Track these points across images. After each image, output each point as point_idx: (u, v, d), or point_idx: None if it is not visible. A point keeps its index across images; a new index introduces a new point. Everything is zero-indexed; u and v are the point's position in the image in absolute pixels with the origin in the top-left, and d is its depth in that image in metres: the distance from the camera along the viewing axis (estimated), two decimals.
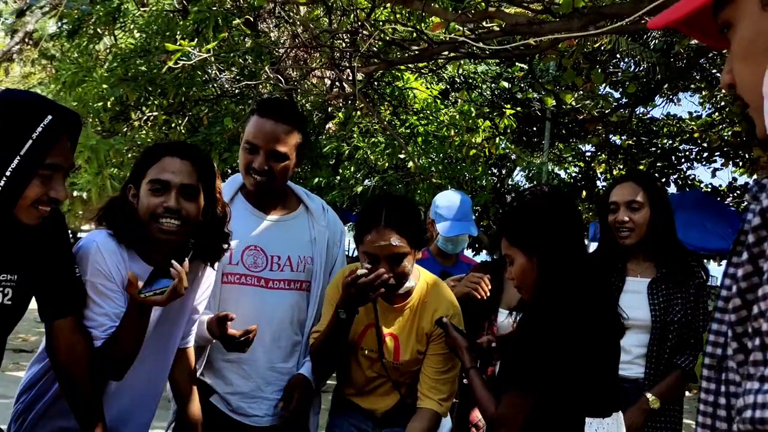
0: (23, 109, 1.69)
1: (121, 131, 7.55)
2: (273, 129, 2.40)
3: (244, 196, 2.53)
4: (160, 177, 2.00)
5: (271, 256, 2.47)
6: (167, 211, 1.97)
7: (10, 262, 1.84)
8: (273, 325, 2.45)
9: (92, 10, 7.14)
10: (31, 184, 1.70)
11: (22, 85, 20.18)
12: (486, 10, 4.37)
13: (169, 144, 2.11)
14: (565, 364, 1.91)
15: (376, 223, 2.24)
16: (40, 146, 1.66)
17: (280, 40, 7.99)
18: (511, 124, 8.87)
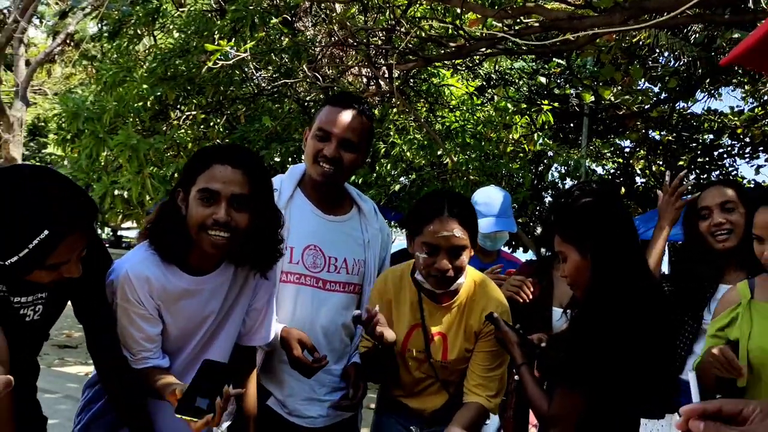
0: (20, 217, 1.63)
1: (161, 130, 7.64)
2: (347, 118, 2.39)
3: (304, 192, 2.51)
4: (210, 186, 1.90)
5: (329, 257, 2.46)
6: (216, 223, 1.90)
7: (33, 283, 1.84)
8: (328, 327, 2.45)
9: (132, 11, 7.25)
10: (39, 273, 1.71)
11: (63, 85, 20.58)
12: (524, 5, 4.33)
13: (219, 149, 2.00)
14: (617, 364, 1.88)
15: (439, 213, 2.21)
16: (36, 255, 1.64)
17: (316, 38, 8.02)
18: (549, 120, 8.80)
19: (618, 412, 1.90)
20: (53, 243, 1.65)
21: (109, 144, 6.88)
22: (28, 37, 15.84)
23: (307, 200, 2.49)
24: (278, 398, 2.44)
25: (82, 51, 13.99)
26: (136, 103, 7.47)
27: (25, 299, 1.87)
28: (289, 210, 2.42)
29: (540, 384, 2.08)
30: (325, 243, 2.46)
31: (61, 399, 6.45)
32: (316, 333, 2.39)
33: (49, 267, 1.70)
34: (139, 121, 7.56)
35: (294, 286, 2.42)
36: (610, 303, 1.92)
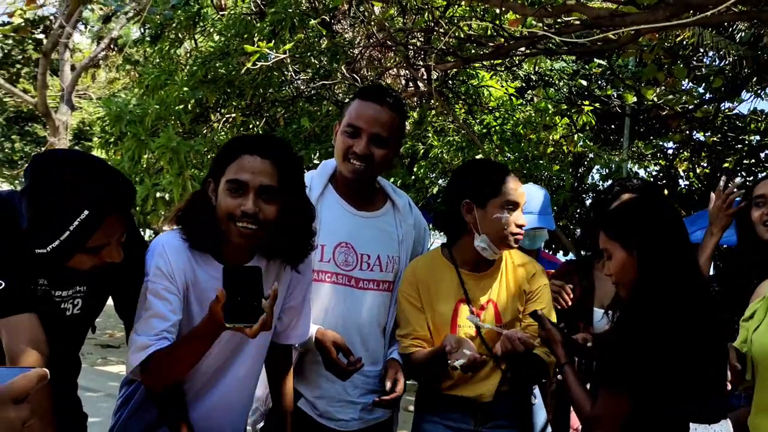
0: (60, 199, 1.63)
1: (201, 133, 7.73)
2: (377, 113, 2.33)
3: (335, 187, 2.45)
4: (238, 177, 1.88)
5: (361, 255, 2.41)
6: (244, 214, 1.88)
7: (83, 275, 1.86)
8: (362, 327, 2.40)
9: (173, 15, 7.34)
10: (80, 258, 1.71)
11: (107, 90, 20.96)
12: (565, 3, 4.27)
13: (249, 139, 1.98)
14: (663, 366, 1.82)
15: (508, 172, 2.34)
16: (77, 237, 1.64)
17: (355, 40, 8.03)
18: (590, 122, 8.68)
19: (664, 415, 1.84)
20: (94, 224, 1.65)
21: (150, 146, 6.97)
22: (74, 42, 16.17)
23: (338, 196, 2.44)
24: (309, 399, 2.38)
25: (126, 55, 14.23)
26: (177, 106, 7.56)
27: (66, 293, 1.88)
28: (320, 207, 2.37)
29: (583, 385, 2.03)
30: (357, 240, 2.40)
31: (103, 397, 6.56)
32: (350, 333, 2.35)
33: (91, 250, 1.71)
34: (179, 124, 7.64)
35: (326, 285, 2.36)
36: (656, 302, 1.87)
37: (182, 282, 1.95)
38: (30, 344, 1.67)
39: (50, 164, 1.69)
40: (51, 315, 1.80)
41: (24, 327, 1.69)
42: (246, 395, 2.21)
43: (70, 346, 2.00)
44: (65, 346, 1.94)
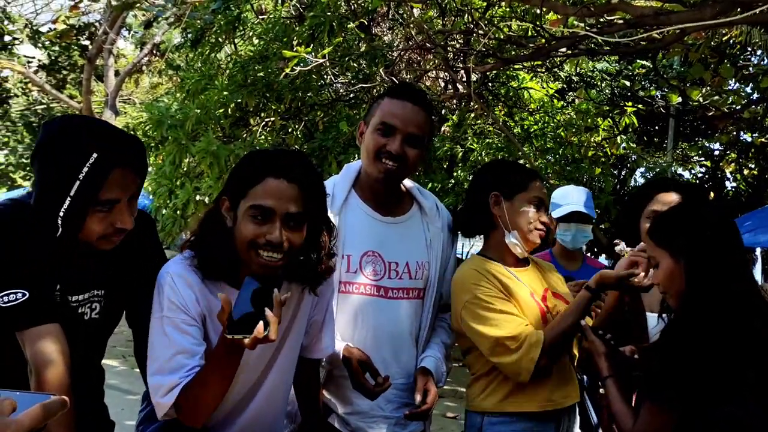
0: (69, 147, 1.61)
1: (241, 136, 7.77)
2: (412, 112, 2.25)
3: (359, 193, 2.36)
4: (263, 204, 1.73)
5: (389, 263, 2.31)
6: (269, 244, 1.73)
7: (98, 279, 1.83)
8: (393, 338, 2.30)
9: (214, 19, 7.40)
10: (91, 221, 1.66)
11: (150, 95, 21.30)
12: (608, 2, 4.17)
13: (272, 159, 1.80)
14: (713, 382, 1.74)
15: (535, 173, 2.39)
16: (88, 185, 1.60)
17: (394, 42, 8.01)
18: (633, 123, 8.52)
19: (707, 417, 1.75)
20: (103, 170, 1.61)
21: (191, 150, 7.05)
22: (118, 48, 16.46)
23: (362, 203, 2.34)
24: (341, 415, 2.29)
25: (168, 60, 14.43)
26: (218, 110, 7.63)
27: (82, 297, 1.84)
28: (344, 214, 2.28)
29: (626, 399, 1.95)
30: (385, 247, 2.30)
31: None
32: (381, 346, 2.26)
33: (102, 204, 1.65)
34: (219, 128, 7.71)
35: (354, 296, 2.26)
36: (705, 313, 1.78)
37: (198, 312, 1.82)
38: (54, 356, 1.65)
39: (55, 123, 1.68)
40: (68, 320, 1.77)
41: (49, 338, 1.67)
42: (278, 412, 2.11)
43: (90, 352, 1.95)
44: (85, 352, 1.89)
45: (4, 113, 21.19)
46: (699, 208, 1.95)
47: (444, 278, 2.45)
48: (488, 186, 2.35)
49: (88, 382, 1.95)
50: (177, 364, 1.75)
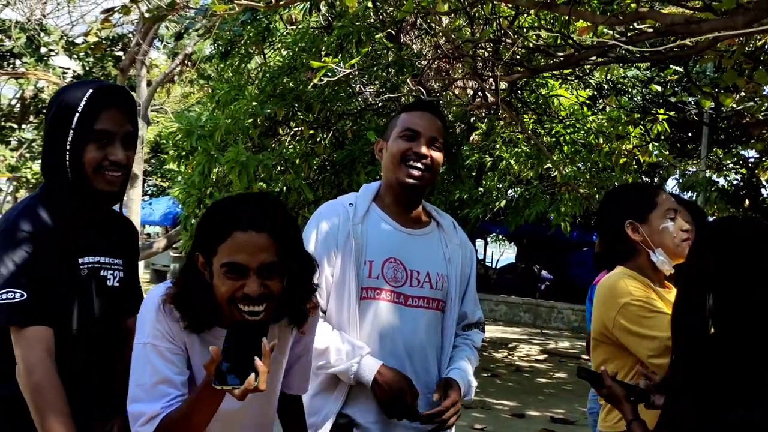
0: (70, 91, 1.93)
1: (270, 146, 7.82)
2: (431, 118, 2.38)
3: (380, 206, 2.41)
4: (235, 260, 1.68)
5: (411, 271, 2.33)
6: (247, 298, 1.69)
7: (114, 247, 2.02)
8: (411, 349, 2.31)
9: (243, 30, 7.47)
10: (88, 150, 1.90)
11: (182, 104, 21.56)
12: (637, 11, 4.12)
13: (238, 211, 1.72)
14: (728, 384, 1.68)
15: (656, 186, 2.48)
16: (86, 116, 1.88)
17: (422, 51, 8.01)
18: (665, 130, 8.40)
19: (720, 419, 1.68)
20: (98, 103, 1.89)
21: (220, 160, 7.10)
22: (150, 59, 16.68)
23: (383, 213, 2.38)
24: (362, 425, 2.28)
25: (199, 71, 14.57)
26: (247, 121, 7.69)
27: (104, 260, 2.02)
28: (365, 224, 2.33)
29: None
30: (406, 256, 2.33)
31: None
32: (399, 354, 2.27)
33: (98, 135, 1.89)
34: (248, 138, 7.76)
35: (374, 302, 2.28)
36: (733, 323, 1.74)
37: (182, 341, 1.80)
38: (43, 357, 1.79)
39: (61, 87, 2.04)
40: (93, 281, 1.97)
41: (39, 340, 1.80)
42: None
43: (114, 320, 2.05)
44: (110, 318, 2.02)
45: (40, 123, 21.61)
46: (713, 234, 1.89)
47: (466, 298, 2.46)
48: (620, 217, 2.38)
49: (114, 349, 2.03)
50: (159, 393, 1.73)
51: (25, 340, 1.79)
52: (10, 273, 1.80)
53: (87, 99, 1.89)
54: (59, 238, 1.89)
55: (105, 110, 1.91)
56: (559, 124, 8.21)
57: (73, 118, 1.88)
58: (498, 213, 7.75)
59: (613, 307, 2.26)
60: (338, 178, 7.91)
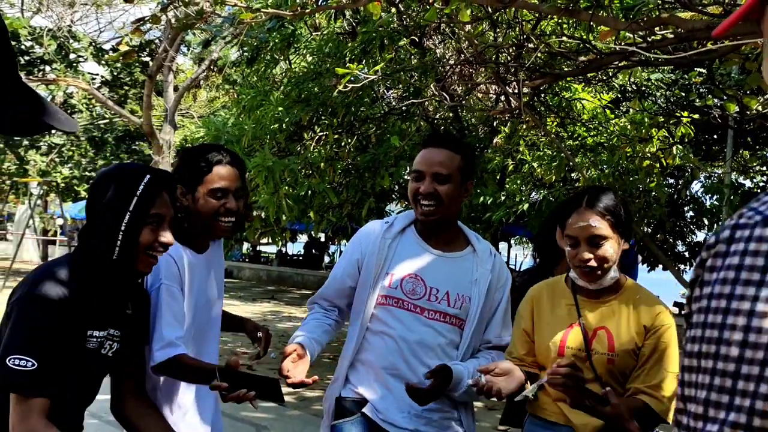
0: (128, 174, 2.05)
1: (295, 151, 7.93)
2: (435, 154, 2.53)
3: (416, 229, 2.62)
4: (221, 186, 2.38)
5: (430, 288, 2.51)
6: (228, 211, 2.40)
7: (121, 318, 2.09)
8: (430, 350, 2.48)
9: (269, 37, 7.58)
10: (143, 232, 2.01)
11: (207, 108, 21.80)
12: (659, 16, 4.17)
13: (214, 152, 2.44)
14: None
15: (578, 205, 2.31)
16: (144, 200, 2.00)
17: (445, 55, 8.06)
18: (689, 133, 8.38)
19: None
20: (155, 186, 2.03)
21: (247, 165, 7.21)
22: (176, 64, 16.90)
23: (418, 236, 2.60)
24: (376, 407, 2.49)
25: (225, 76, 14.75)
26: (273, 125, 7.80)
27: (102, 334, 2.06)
28: (397, 241, 2.57)
29: None
30: (428, 274, 2.52)
31: None
32: (412, 354, 2.46)
33: (153, 219, 2.02)
34: (275, 143, 7.87)
35: (393, 308, 2.50)
36: None
37: (180, 282, 2.36)
38: (39, 429, 1.83)
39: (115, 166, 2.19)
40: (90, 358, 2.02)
41: (39, 410, 1.84)
42: None
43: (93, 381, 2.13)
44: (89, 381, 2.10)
45: None
46: None
47: (493, 322, 2.60)
48: (555, 220, 2.52)
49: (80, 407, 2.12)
50: (174, 326, 2.27)
51: (25, 409, 1.84)
52: (25, 339, 1.84)
53: (145, 184, 2.01)
54: (79, 310, 1.93)
55: (159, 195, 2.05)
56: (582, 128, 8.22)
57: (132, 202, 1.99)
58: (521, 216, 7.78)
59: None
60: (362, 182, 8.00)
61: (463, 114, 8.86)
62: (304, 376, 2.29)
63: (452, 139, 2.71)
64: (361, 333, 2.52)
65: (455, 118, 8.64)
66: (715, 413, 0.80)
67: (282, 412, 6.33)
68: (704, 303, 0.85)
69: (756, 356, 0.78)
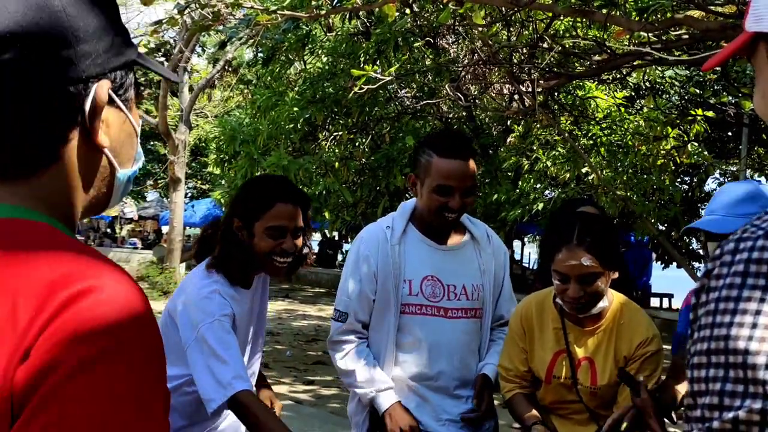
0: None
1: (310, 150, 7.99)
2: (465, 168, 2.41)
3: (416, 226, 2.56)
4: (279, 224, 2.24)
5: (448, 286, 2.51)
6: (284, 252, 2.24)
7: None
8: (454, 354, 2.51)
9: (284, 38, 7.64)
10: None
11: (222, 108, 21.91)
12: (673, 17, 4.18)
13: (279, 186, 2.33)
14: None
15: (568, 241, 2.19)
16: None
17: (459, 55, 8.10)
18: (703, 131, 8.37)
19: None
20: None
21: (262, 165, 7.29)
22: (192, 64, 17.00)
23: (420, 234, 2.54)
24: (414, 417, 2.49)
25: (240, 76, 14.84)
26: (288, 125, 7.87)
27: None
28: (403, 244, 2.50)
29: None
30: (443, 272, 2.50)
31: None
32: (441, 360, 2.47)
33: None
34: (290, 143, 7.94)
35: (416, 317, 2.48)
36: None
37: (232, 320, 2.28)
38: None
39: None
40: None
41: None
42: None
43: None
44: None
45: None
46: None
47: (501, 298, 2.63)
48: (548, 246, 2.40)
49: None
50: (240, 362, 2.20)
51: None
52: None
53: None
54: None
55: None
56: (596, 126, 8.24)
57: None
58: (535, 214, 7.81)
59: None
60: (376, 181, 8.05)
61: (477, 113, 8.88)
62: None
63: (469, 144, 2.56)
64: (391, 348, 2.48)
65: (469, 117, 8.67)
66: (730, 402, 0.86)
67: (299, 410, 6.40)
68: (712, 307, 0.91)
69: (763, 348, 0.84)
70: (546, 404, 2.44)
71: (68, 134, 0.78)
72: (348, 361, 2.46)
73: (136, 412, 0.68)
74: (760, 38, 0.97)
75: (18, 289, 0.67)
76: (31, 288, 0.67)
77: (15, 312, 0.66)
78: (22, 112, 0.75)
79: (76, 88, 0.78)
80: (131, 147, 0.89)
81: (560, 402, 2.41)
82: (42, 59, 0.75)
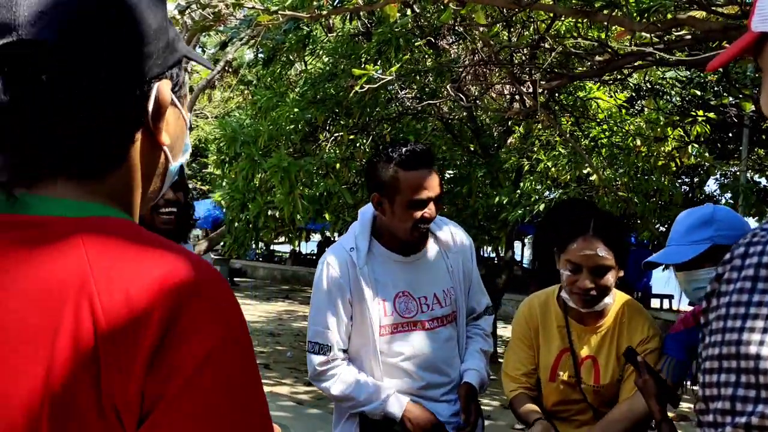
0: None
1: (311, 151, 7.98)
2: (431, 178, 2.41)
3: (380, 241, 2.52)
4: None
5: (419, 298, 2.49)
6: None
7: None
8: (440, 364, 2.52)
9: (285, 39, 7.63)
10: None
11: (222, 109, 21.91)
12: (675, 17, 4.18)
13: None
14: None
15: (584, 231, 2.21)
16: None
17: (460, 56, 8.09)
18: (704, 132, 8.36)
19: None
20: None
21: (263, 166, 7.28)
22: (192, 65, 16.99)
23: (385, 249, 2.51)
24: None
25: (240, 77, 14.85)
26: (288, 126, 7.86)
27: None
28: (371, 264, 2.46)
29: None
30: (412, 284, 2.49)
31: None
32: (427, 373, 2.48)
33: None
34: (290, 144, 7.93)
35: (396, 335, 2.47)
36: None
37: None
38: None
39: None
40: None
41: None
42: None
43: None
44: None
45: None
46: None
47: (471, 291, 2.64)
48: (551, 241, 2.44)
49: None
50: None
51: None
52: None
53: None
54: None
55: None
56: (597, 127, 8.23)
57: None
58: (536, 215, 7.80)
59: None
60: None
61: (478, 114, 8.88)
62: None
63: (429, 151, 2.52)
64: (377, 369, 2.45)
65: (470, 118, 8.67)
66: (742, 407, 0.85)
67: (301, 411, 6.39)
68: (723, 311, 0.91)
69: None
70: (549, 407, 2.44)
71: (135, 135, 0.81)
72: (342, 386, 2.41)
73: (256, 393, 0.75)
74: (767, 38, 0.97)
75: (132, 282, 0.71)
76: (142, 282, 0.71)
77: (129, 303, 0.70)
78: (104, 113, 0.77)
79: (142, 90, 0.80)
80: (183, 141, 0.92)
81: (564, 402, 2.41)
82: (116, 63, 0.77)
